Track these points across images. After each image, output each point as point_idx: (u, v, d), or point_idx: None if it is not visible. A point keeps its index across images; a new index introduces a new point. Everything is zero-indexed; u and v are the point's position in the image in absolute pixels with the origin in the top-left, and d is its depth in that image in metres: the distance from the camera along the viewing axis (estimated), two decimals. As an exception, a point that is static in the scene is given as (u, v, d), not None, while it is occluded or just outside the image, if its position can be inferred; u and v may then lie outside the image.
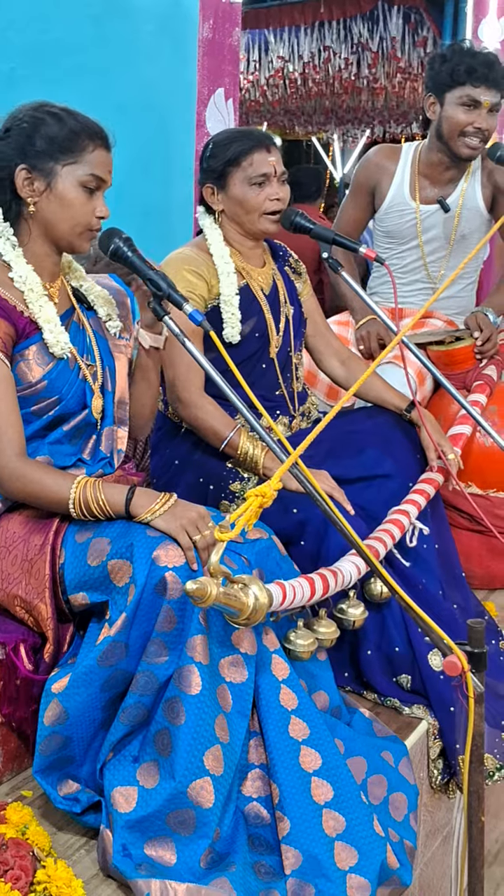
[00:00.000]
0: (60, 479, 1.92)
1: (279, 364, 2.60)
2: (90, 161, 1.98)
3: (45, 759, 1.85)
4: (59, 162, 1.96)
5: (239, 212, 2.51)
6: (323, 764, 1.88)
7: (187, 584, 1.64)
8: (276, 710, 1.90)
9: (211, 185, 2.53)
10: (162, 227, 3.38)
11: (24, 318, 1.98)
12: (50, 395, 2.01)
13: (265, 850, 1.84)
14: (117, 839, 1.76)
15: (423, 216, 3.32)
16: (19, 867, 1.70)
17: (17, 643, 1.97)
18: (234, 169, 2.48)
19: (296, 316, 2.66)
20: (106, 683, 1.82)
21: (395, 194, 3.36)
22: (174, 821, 1.76)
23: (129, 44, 3.86)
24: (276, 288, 2.62)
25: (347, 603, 2.25)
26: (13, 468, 1.91)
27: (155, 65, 3.96)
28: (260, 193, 2.48)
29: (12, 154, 1.97)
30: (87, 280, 2.20)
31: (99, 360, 2.13)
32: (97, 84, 3.60)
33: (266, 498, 1.72)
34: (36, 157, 1.96)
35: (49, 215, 1.99)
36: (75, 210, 1.98)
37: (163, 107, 4.00)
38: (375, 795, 2.01)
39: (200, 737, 1.76)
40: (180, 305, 1.96)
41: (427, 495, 2.51)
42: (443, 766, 2.33)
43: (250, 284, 2.55)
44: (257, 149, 2.47)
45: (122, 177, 3.69)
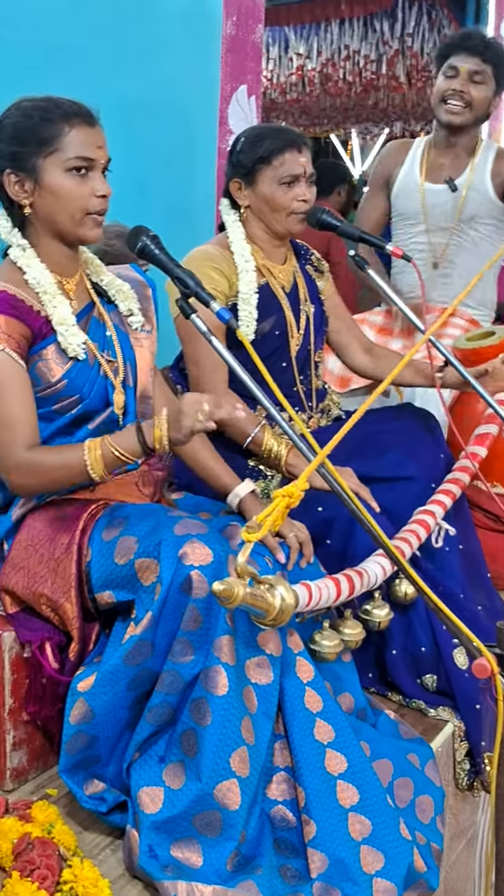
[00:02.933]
0: (69, 452, 1.90)
1: (298, 362, 2.59)
2: (70, 144, 1.93)
3: (71, 758, 1.85)
4: (40, 155, 1.93)
5: (265, 209, 2.50)
6: (349, 767, 1.87)
7: (214, 584, 1.63)
8: (301, 712, 1.89)
9: (239, 180, 2.51)
10: (184, 224, 3.38)
11: (41, 319, 1.97)
12: (71, 394, 2.01)
13: (291, 854, 1.83)
14: (143, 840, 1.76)
15: (428, 194, 3.37)
16: (45, 866, 1.70)
17: (42, 642, 1.98)
18: (265, 166, 2.46)
19: (316, 314, 2.65)
20: (132, 682, 1.82)
21: (405, 177, 3.44)
22: (200, 822, 1.75)
23: (152, 41, 3.86)
24: (297, 286, 2.61)
25: (373, 604, 2.24)
26: (24, 460, 1.89)
27: (178, 62, 3.96)
28: (288, 193, 2.46)
29: (1, 161, 1.96)
30: (107, 274, 2.18)
31: (120, 354, 2.12)
32: (121, 81, 3.60)
33: (293, 498, 1.71)
34: (18, 158, 1.94)
35: (46, 211, 1.97)
36: (68, 197, 1.95)
37: (186, 104, 4.01)
38: (402, 798, 2.00)
39: (227, 738, 1.76)
40: (207, 303, 1.95)
41: (453, 496, 2.50)
42: (469, 767, 2.32)
43: (270, 283, 2.54)
44: (289, 148, 2.46)
45: (145, 174, 3.71)
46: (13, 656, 1.98)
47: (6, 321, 1.92)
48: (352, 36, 7.89)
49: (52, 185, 1.94)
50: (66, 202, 1.95)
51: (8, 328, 1.91)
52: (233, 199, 2.56)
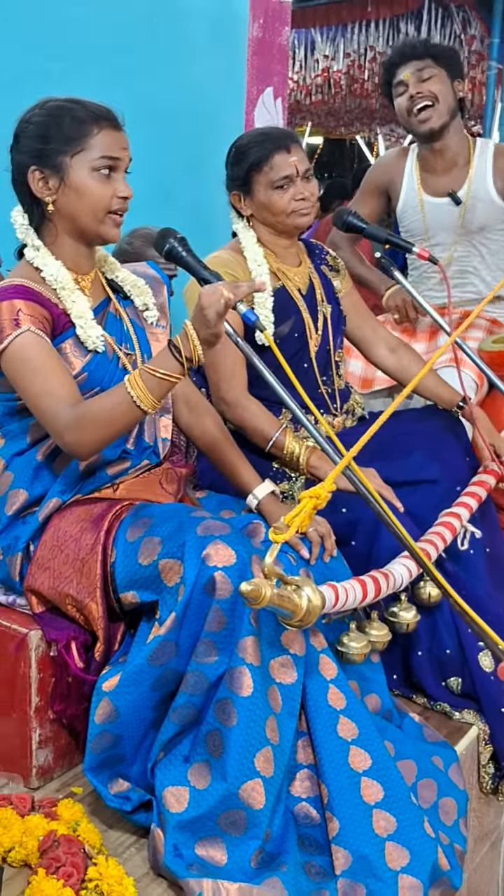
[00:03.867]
0: (112, 394, 1.87)
1: (319, 363, 2.59)
2: (98, 144, 1.96)
3: (96, 757, 1.86)
4: (67, 154, 1.95)
5: (267, 215, 2.52)
6: (373, 764, 1.87)
7: (242, 585, 1.64)
8: (324, 709, 1.90)
9: (237, 192, 2.54)
10: (210, 227, 3.38)
11: (60, 311, 2.00)
12: (91, 387, 2.02)
13: (315, 851, 1.84)
14: (168, 839, 1.76)
15: (428, 209, 3.30)
16: (71, 864, 1.71)
17: (68, 641, 1.98)
18: (257, 174, 2.48)
19: (334, 314, 2.65)
20: (156, 683, 1.82)
21: (407, 192, 3.37)
22: (225, 822, 1.75)
23: (179, 44, 3.88)
24: (313, 287, 2.62)
25: (399, 606, 2.24)
26: (71, 417, 1.87)
27: (205, 64, 3.98)
28: (284, 195, 2.47)
29: (25, 159, 1.98)
30: (121, 270, 2.20)
31: (137, 347, 2.14)
32: (147, 84, 3.62)
33: (320, 500, 1.72)
34: (45, 156, 1.96)
35: (69, 209, 1.99)
36: (93, 197, 1.97)
37: (212, 106, 4.02)
38: (425, 799, 2.00)
39: (252, 738, 1.76)
40: (234, 306, 1.95)
41: (479, 498, 2.49)
42: (493, 770, 2.32)
43: (286, 285, 2.54)
44: (277, 151, 2.46)
45: (171, 177, 3.73)
46: (40, 655, 1.99)
47: (27, 304, 1.94)
48: (378, 38, 7.87)
49: (78, 183, 1.96)
50: (90, 201, 1.97)
51: (29, 310, 1.94)
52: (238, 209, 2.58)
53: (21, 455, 2.06)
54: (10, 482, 2.06)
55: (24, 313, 1.92)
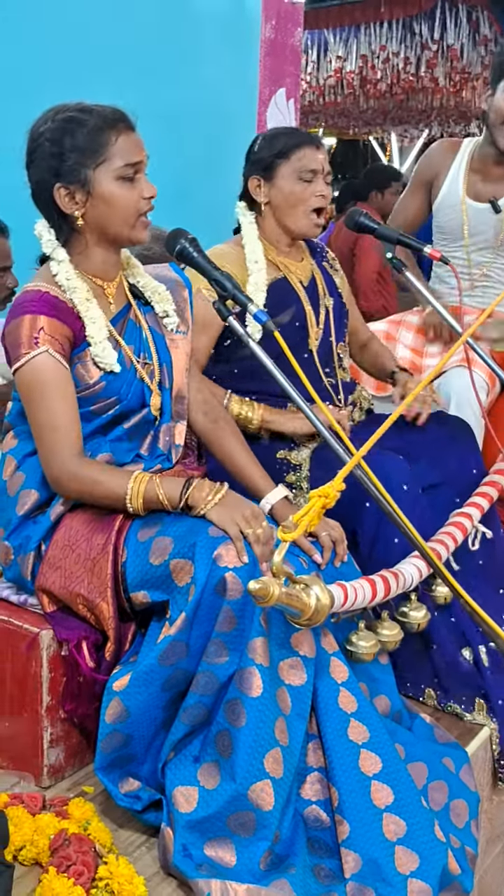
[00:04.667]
0: (117, 476, 1.93)
1: (321, 355, 2.59)
2: (118, 152, 1.96)
3: (107, 756, 1.86)
4: (90, 167, 1.96)
5: (283, 205, 2.51)
6: (383, 768, 1.87)
7: (250, 583, 1.64)
8: (335, 713, 1.89)
9: (258, 177, 2.52)
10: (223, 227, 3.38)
11: (80, 321, 2.00)
12: (108, 396, 2.04)
13: (325, 854, 1.83)
14: (178, 839, 1.76)
15: (470, 213, 3.27)
16: (82, 863, 1.71)
17: (79, 640, 1.99)
18: (283, 161, 2.48)
19: (336, 307, 2.65)
20: (167, 683, 1.82)
21: (449, 189, 3.33)
22: (234, 823, 1.75)
23: (192, 45, 3.89)
24: (315, 281, 2.62)
25: (409, 605, 2.23)
26: (69, 468, 1.93)
27: (217, 65, 3.98)
28: (307, 188, 2.48)
29: (46, 176, 1.98)
30: (144, 276, 2.20)
31: (156, 356, 2.15)
32: (161, 85, 3.62)
33: (329, 499, 1.72)
34: (68, 172, 1.96)
35: (99, 219, 2.00)
36: (122, 205, 1.98)
37: (225, 107, 4.03)
38: (436, 801, 1.99)
39: (261, 739, 1.76)
40: (245, 305, 1.96)
41: (490, 498, 2.48)
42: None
43: (288, 277, 2.55)
44: (307, 145, 2.49)
45: (184, 176, 3.73)
46: (51, 654, 1.99)
47: (49, 322, 1.95)
48: (391, 38, 7.87)
49: (105, 194, 1.97)
50: (120, 209, 1.99)
51: (51, 329, 1.94)
52: (249, 200, 2.56)
53: (33, 455, 2.06)
54: (21, 482, 2.07)
55: (45, 332, 1.94)
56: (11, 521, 2.08)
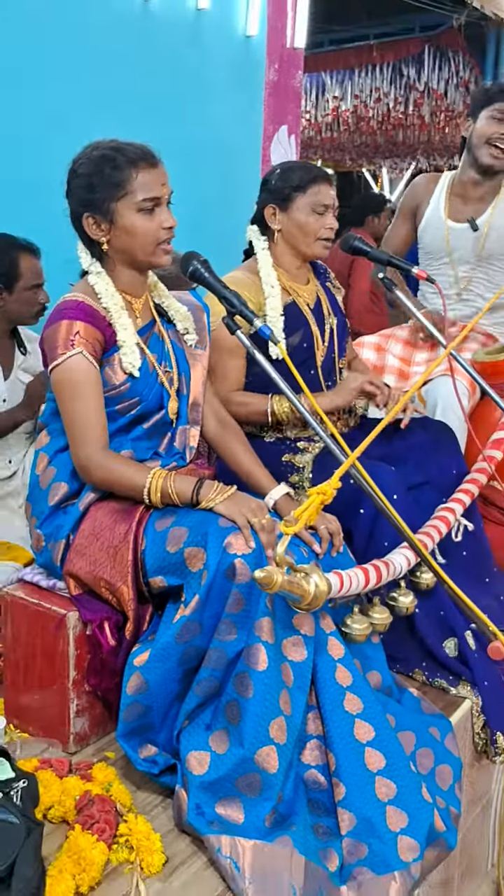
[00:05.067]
0: (137, 470, 1.96)
1: (324, 370, 2.59)
2: (139, 187, 1.99)
3: (128, 725, 1.87)
4: (114, 200, 1.99)
5: (296, 234, 2.51)
6: (376, 735, 1.87)
7: (256, 572, 1.65)
8: (332, 686, 1.90)
9: (274, 206, 2.51)
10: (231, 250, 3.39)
11: (111, 329, 2.03)
12: (132, 397, 2.06)
13: (323, 813, 1.84)
14: (192, 798, 1.77)
15: (451, 233, 3.29)
16: (104, 821, 1.72)
17: (101, 621, 1.99)
18: (300, 194, 2.48)
19: (339, 325, 2.66)
20: (182, 658, 1.83)
21: (431, 213, 3.35)
22: (242, 784, 1.76)
23: (202, 86, 3.90)
24: (320, 302, 2.62)
25: (399, 592, 2.23)
26: (98, 459, 1.96)
27: (226, 105, 4.00)
28: (319, 220, 2.48)
29: (78, 206, 2.04)
30: (168, 297, 2.23)
31: (175, 366, 2.17)
32: (174, 123, 3.63)
33: (327, 496, 1.74)
34: (95, 204, 2.01)
35: (122, 246, 2.04)
36: (141, 234, 2.02)
37: (233, 143, 4.04)
38: (423, 766, 1.99)
39: (266, 709, 1.76)
40: (251, 321, 1.97)
41: (472, 494, 2.49)
42: (485, 737, 2.32)
43: (297, 301, 2.55)
44: (323, 181, 2.48)
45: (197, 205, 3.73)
46: (77, 634, 2.00)
47: (84, 327, 1.98)
48: (382, 80, 7.88)
49: (126, 224, 2.01)
50: (140, 238, 2.02)
51: (86, 334, 1.98)
52: (262, 224, 2.56)
53: (63, 451, 2.08)
54: (53, 476, 2.09)
55: (80, 336, 1.98)
56: (44, 512, 2.09)
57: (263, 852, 1.69)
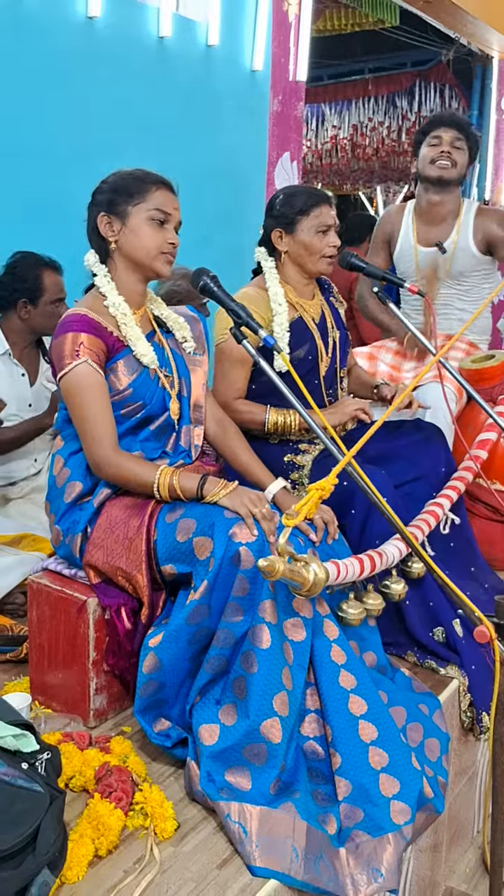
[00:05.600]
0: (146, 468, 1.97)
1: (327, 380, 2.60)
2: (154, 199, 2.03)
3: (143, 700, 1.87)
4: (130, 204, 2.03)
5: (303, 253, 2.51)
6: (368, 709, 1.88)
7: (259, 561, 1.66)
8: (328, 664, 1.90)
9: (280, 230, 2.51)
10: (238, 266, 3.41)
11: (113, 338, 2.04)
12: (135, 401, 2.07)
13: (321, 781, 1.84)
14: (203, 767, 1.78)
15: (420, 256, 3.33)
16: (121, 790, 1.73)
17: (118, 606, 2.00)
18: (304, 217, 2.48)
19: (341, 338, 2.66)
20: (192, 638, 1.84)
21: (403, 241, 3.41)
22: (249, 753, 1.77)
23: (212, 117, 3.90)
24: (324, 316, 2.62)
25: (391, 580, 2.24)
26: (110, 457, 1.97)
27: (234, 134, 4.00)
28: (323, 240, 2.48)
29: (97, 210, 2.06)
30: (166, 309, 2.25)
31: (175, 371, 2.18)
32: (187, 151, 3.64)
33: (325, 491, 1.74)
34: (113, 206, 2.04)
35: (128, 247, 2.05)
36: (147, 239, 2.04)
37: (240, 169, 4.04)
38: (413, 739, 2.00)
39: (270, 684, 1.77)
40: (256, 331, 1.97)
41: (458, 490, 2.49)
42: (471, 715, 2.32)
43: (303, 316, 2.55)
44: (324, 203, 2.49)
45: (208, 226, 3.75)
46: (96, 618, 2.01)
47: (88, 338, 1.99)
48: (377, 110, 7.88)
49: (135, 226, 2.03)
50: (145, 241, 2.04)
51: (90, 344, 1.99)
52: (270, 246, 2.56)
53: (76, 454, 2.09)
54: (68, 476, 2.09)
55: (84, 346, 1.98)
56: (60, 509, 2.10)
57: (269, 818, 1.70)
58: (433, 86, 7.38)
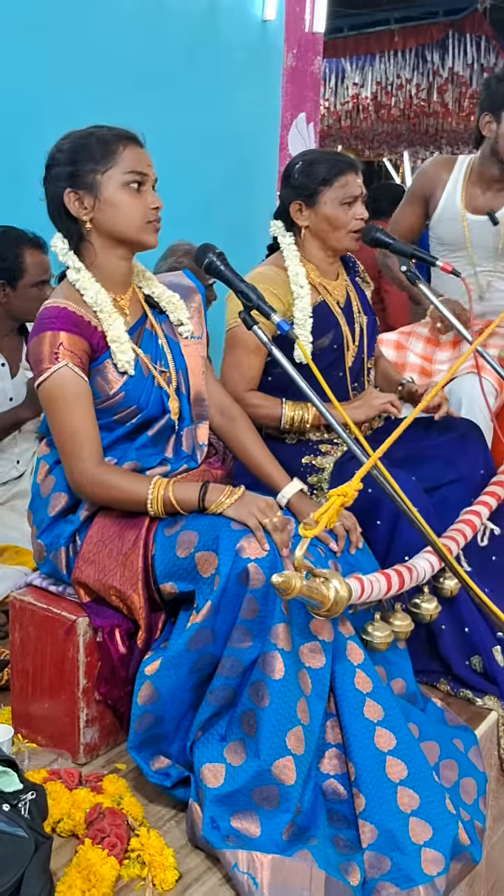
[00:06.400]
0: (138, 482, 1.94)
1: (353, 372, 2.58)
2: (125, 160, 1.97)
3: (139, 736, 1.87)
4: (98, 171, 1.96)
5: (326, 228, 2.49)
6: (397, 744, 1.87)
7: (273, 577, 1.65)
8: (351, 693, 1.89)
9: (300, 202, 2.49)
10: (245, 242, 3.40)
11: (99, 334, 2.00)
12: (128, 405, 2.03)
13: (343, 825, 1.84)
14: (206, 812, 1.77)
15: (470, 225, 3.25)
16: (115, 835, 1.72)
17: (112, 628, 1.99)
18: (326, 188, 2.46)
19: (369, 324, 2.65)
20: (194, 666, 1.84)
21: (447, 203, 3.28)
22: (259, 796, 1.76)
23: (218, 73, 3.89)
24: (350, 300, 2.60)
25: (421, 598, 2.23)
26: (93, 475, 1.94)
27: (242, 93, 3.99)
28: (349, 212, 2.47)
29: (58, 185, 1.99)
30: (157, 286, 2.18)
31: (172, 363, 2.14)
32: (189, 111, 3.63)
33: (347, 498, 1.73)
34: (77, 177, 1.97)
35: (106, 223, 2.00)
36: (127, 209, 1.98)
37: (248, 131, 4.03)
38: (447, 779, 1.99)
39: (283, 719, 1.76)
40: (268, 315, 1.96)
41: (498, 497, 2.47)
42: None
43: (326, 299, 2.53)
44: (349, 171, 2.46)
45: (210, 196, 3.74)
46: (87, 640, 2.00)
47: (68, 338, 1.95)
48: (404, 66, 7.88)
49: (112, 199, 1.98)
50: (125, 213, 1.98)
51: (70, 345, 1.95)
52: (287, 220, 2.54)
53: None
54: (52, 486, 2.08)
55: (64, 347, 1.94)
56: (44, 521, 2.10)
57: (282, 867, 1.69)
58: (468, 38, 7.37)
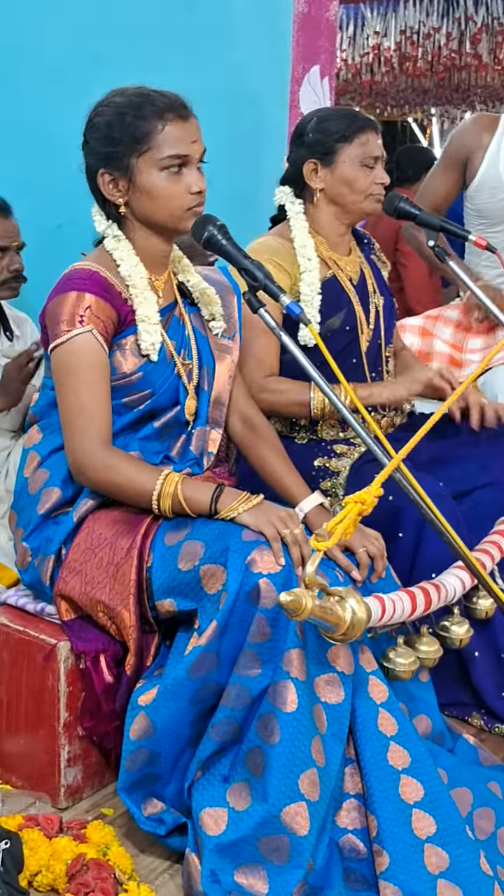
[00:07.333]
0: (146, 472, 1.96)
1: (369, 358, 2.59)
2: (164, 141, 1.99)
3: (131, 775, 1.87)
4: (133, 155, 2.00)
5: (344, 191, 2.51)
6: (425, 795, 1.86)
7: (281, 595, 1.64)
8: (374, 735, 1.89)
9: (315, 161, 2.51)
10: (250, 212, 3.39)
11: (128, 307, 2.04)
12: (143, 389, 2.07)
13: (362, 886, 1.83)
14: (205, 864, 1.77)
15: None
16: (101, 890, 1.73)
17: (97, 653, 2.00)
18: (346, 146, 2.48)
19: (386, 306, 2.66)
20: (195, 696, 1.84)
21: (488, 170, 3.26)
22: (266, 847, 1.75)
23: (221, 20, 3.87)
24: (364, 277, 2.62)
25: (451, 620, 2.22)
26: (99, 456, 1.96)
27: (248, 42, 3.96)
28: (370, 175, 2.49)
29: (93, 160, 2.04)
30: (193, 275, 2.24)
31: (196, 358, 2.17)
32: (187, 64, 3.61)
33: (366, 505, 1.71)
34: (113, 158, 2.01)
35: (142, 209, 2.05)
36: (165, 197, 2.02)
37: (255, 86, 4.01)
38: (482, 830, 1.98)
39: (296, 758, 1.76)
40: (277, 297, 1.95)
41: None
42: None
43: (337, 275, 2.55)
44: (369, 129, 2.49)
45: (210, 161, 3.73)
46: (68, 667, 2.01)
47: (96, 302, 1.99)
48: (432, 12, 7.85)
49: (147, 185, 2.01)
50: (163, 201, 2.02)
51: (97, 310, 1.99)
52: (296, 186, 2.55)
53: (58, 451, 2.09)
54: (44, 480, 2.10)
55: (91, 312, 1.98)
56: (32, 521, 2.11)
57: (292, 931, 1.69)
58: (504, -20, 7.36)
